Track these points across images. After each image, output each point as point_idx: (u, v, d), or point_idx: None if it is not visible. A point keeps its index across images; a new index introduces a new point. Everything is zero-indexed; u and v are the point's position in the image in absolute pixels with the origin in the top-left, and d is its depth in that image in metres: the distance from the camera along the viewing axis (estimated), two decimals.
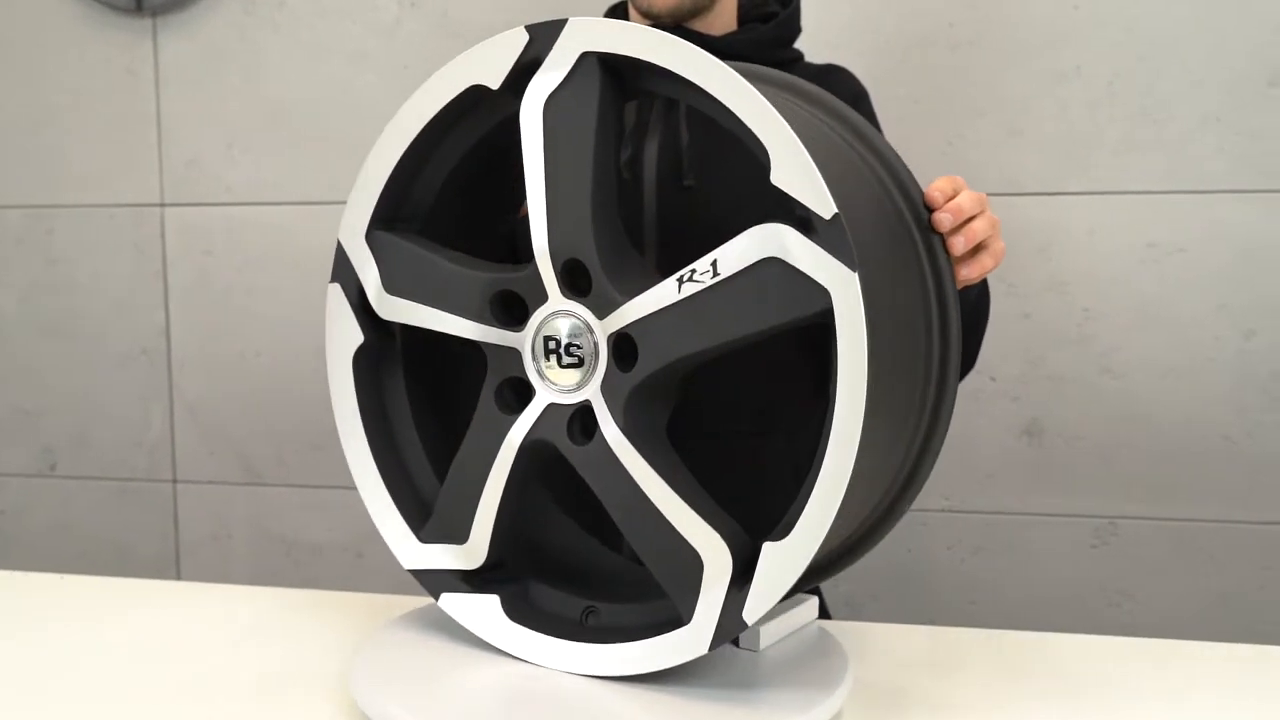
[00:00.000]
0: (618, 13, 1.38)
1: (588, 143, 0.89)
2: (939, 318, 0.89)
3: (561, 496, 1.07)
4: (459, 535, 0.99)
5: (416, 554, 1.01)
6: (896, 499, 0.93)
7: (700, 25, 1.31)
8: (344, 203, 1.02)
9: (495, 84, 0.93)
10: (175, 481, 2.07)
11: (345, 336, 1.02)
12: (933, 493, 1.84)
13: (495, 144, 1.00)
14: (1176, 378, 1.74)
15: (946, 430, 0.92)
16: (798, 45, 1.36)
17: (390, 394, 1.05)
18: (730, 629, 0.86)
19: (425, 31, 1.90)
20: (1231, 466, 1.74)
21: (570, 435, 0.92)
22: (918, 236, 0.90)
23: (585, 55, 0.88)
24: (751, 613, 0.84)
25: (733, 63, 1.06)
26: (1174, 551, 1.77)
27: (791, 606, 0.99)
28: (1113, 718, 0.92)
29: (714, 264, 0.84)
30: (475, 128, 0.99)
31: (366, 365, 1.03)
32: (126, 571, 2.08)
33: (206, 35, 1.96)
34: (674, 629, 0.88)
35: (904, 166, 0.91)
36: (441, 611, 1.03)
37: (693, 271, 0.84)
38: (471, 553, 0.99)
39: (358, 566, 2.03)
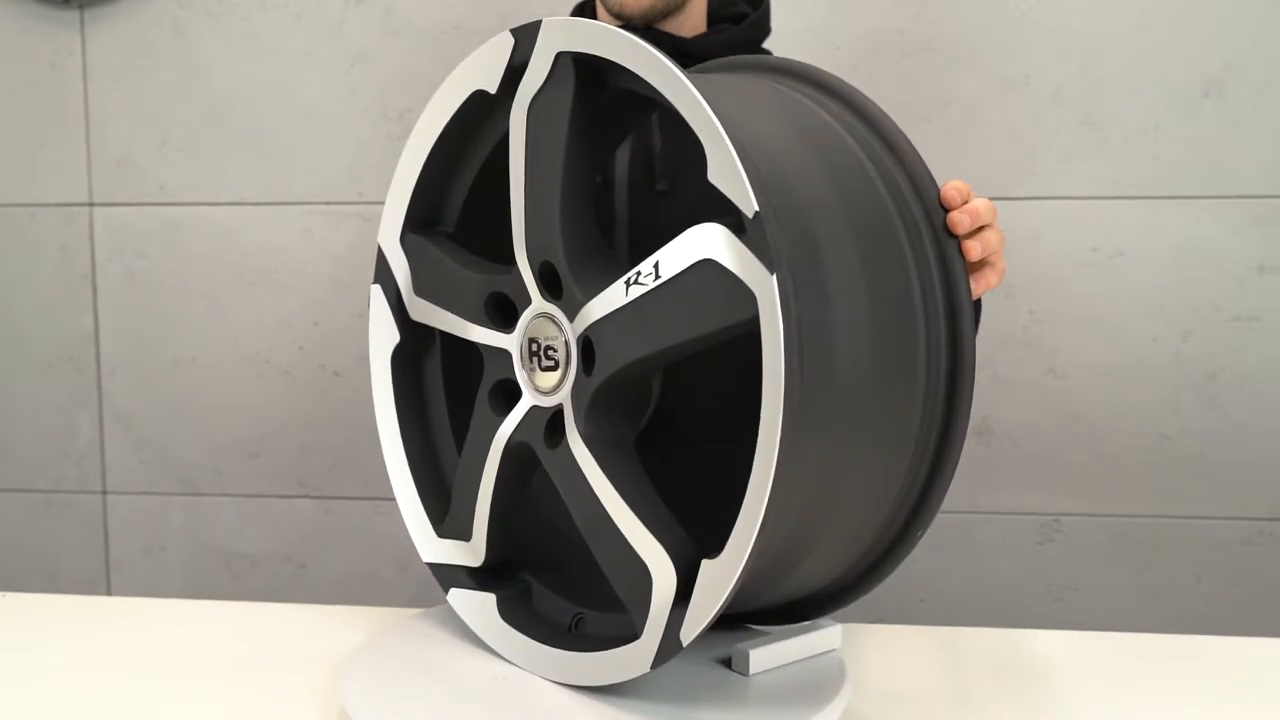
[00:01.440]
0: (584, 12, 1.37)
1: (559, 143, 0.88)
2: (948, 330, 0.86)
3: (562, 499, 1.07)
4: (465, 532, 1.01)
5: (433, 548, 1.04)
6: (906, 524, 0.91)
7: (670, 26, 1.30)
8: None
9: (493, 88, 0.94)
10: (105, 493, 1.99)
11: (384, 336, 1.06)
12: None
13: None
14: (1116, 378, 1.80)
15: (959, 452, 0.87)
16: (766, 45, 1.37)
17: (429, 391, 1.08)
18: (671, 648, 0.82)
19: (370, 29, 1.86)
20: (1168, 464, 1.80)
21: (546, 438, 0.92)
22: (927, 240, 0.87)
23: (560, 55, 0.88)
24: (688, 632, 0.81)
25: (753, 56, 1.06)
26: (1114, 546, 1.83)
27: (802, 632, 0.96)
28: (1091, 712, 0.94)
29: (656, 265, 0.81)
30: (492, 132, 1.00)
31: (404, 364, 1.06)
32: (54, 588, 1.99)
33: (138, 28, 1.89)
34: (626, 642, 0.86)
35: (924, 167, 0.89)
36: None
37: (638, 273, 0.82)
38: (475, 550, 1.01)
39: (300, 578, 1.98)
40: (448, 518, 1.03)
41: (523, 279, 0.91)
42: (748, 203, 0.75)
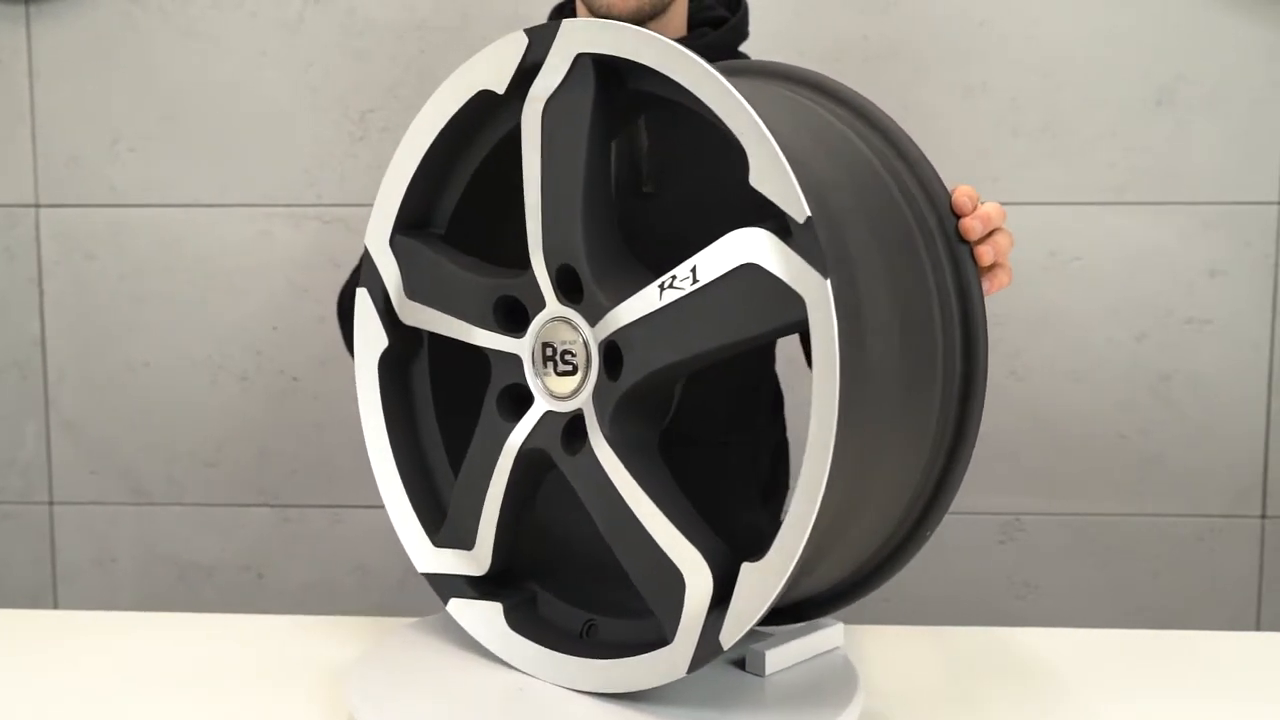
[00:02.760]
0: (563, 13, 1.37)
1: (580, 146, 0.88)
2: (963, 334, 0.87)
3: (571, 506, 1.05)
4: (467, 541, 0.99)
5: (430, 558, 1.01)
6: (916, 524, 0.92)
7: (654, 28, 1.30)
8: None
9: (501, 88, 0.93)
10: (52, 503, 1.93)
11: (371, 340, 1.03)
12: None
13: (514, 148, 0.98)
14: (1076, 379, 1.84)
15: (971, 453, 0.89)
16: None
17: (417, 396, 1.06)
18: (708, 652, 0.82)
19: (330, 28, 1.82)
20: (1125, 462, 1.84)
21: (564, 444, 0.91)
22: (940, 245, 0.88)
23: (580, 57, 0.88)
24: (728, 636, 0.81)
25: (757, 61, 1.06)
26: (1074, 544, 1.87)
27: (806, 632, 0.97)
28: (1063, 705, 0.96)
29: (694, 270, 0.81)
30: (492, 133, 0.98)
31: (391, 369, 1.04)
32: None
33: (87, 23, 1.83)
34: (656, 647, 0.86)
35: (934, 173, 0.90)
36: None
37: (674, 277, 0.82)
38: (478, 559, 0.98)
39: (258, 588, 1.93)
40: (445, 526, 1.01)
41: (537, 282, 0.90)
42: (799, 208, 0.75)
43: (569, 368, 0.89)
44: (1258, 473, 1.83)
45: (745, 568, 0.80)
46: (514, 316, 0.94)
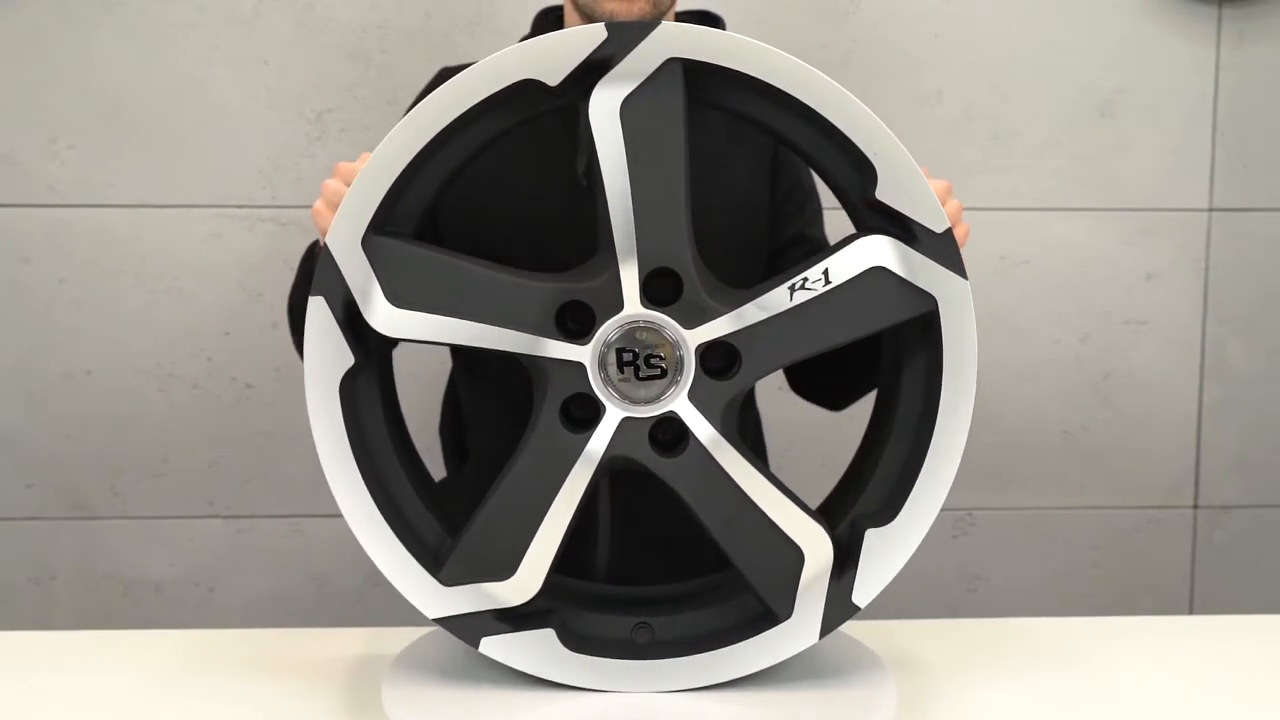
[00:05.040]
0: (549, 17, 1.36)
1: (679, 152, 0.89)
2: None
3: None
4: (502, 569, 0.93)
5: (442, 600, 0.93)
6: None
7: None
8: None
9: (554, 80, 0.89)
10: None
11: (331, 358, 0.91)
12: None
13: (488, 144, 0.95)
14: (1023, 378, 1.91)
15: None
16: None
17: (365, 418, 0.95)
18: (839, 615, 0.93)
19: (287, 25, 1.77)
20: (1070, 458, 1.93)
21: (655, 448, 0.91)
22: None
23: (670, 61, 0.88)
24: (863, 597, 0.93)
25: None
26: (1022, 537, 1.94)
27: None
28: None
29: (825, 272, 0.90)
30: (490, 126, 0.92)
31: (352, 391, 0.93)
32: None
33: (24, 16, 1.73)
34: (765, 627, 0.93)
35: None
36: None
37: (805, 280, 0.90)
38: (520, 586, 0.93)
39: (209, 603, 1.87)
40: (454, 560, 0.93)
41: (620, 285, 0.89)
42: (938, 220, 0.91)
43: (655, 371, 0.89)
44: (1190, 466, 1.94)
45: (869, 533, 0.92)
46: (577, 322, 0.91)
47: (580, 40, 0.88)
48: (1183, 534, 1.95)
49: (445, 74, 1.34)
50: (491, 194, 1.21)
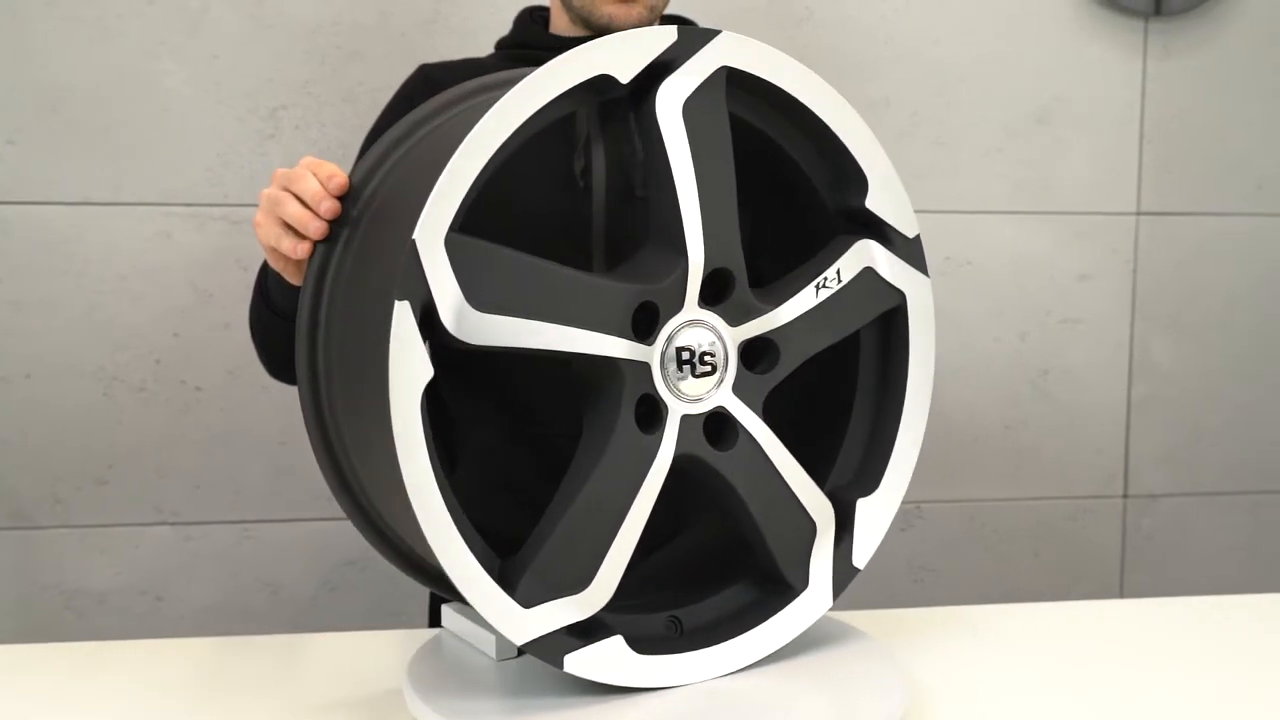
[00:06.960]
0: (532, 17, 1.36)
1: (728, 154, 0.93)
2: None
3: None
4: (577, 583, 0.88)
5: (528, 624, 0.86)
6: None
7: None
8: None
9: (626, 77, 0.88)
10: None
11: (415, 370, 0.81)
12: None
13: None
14: (966, 375, 1.98)
15: None
16: None
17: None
18: (845, 578, 1.01)
19: (239, 20, 1.73)
20: (1010, 452, 2.00)
21: (712, 442, 0.93)
22: None
23: (721, 69, 0.91)
24: (860, 558, 1.01)
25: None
26: (966, 529, 2.01)
27: None
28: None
29: (838, 272, 0.98)
30: (539, 120, 0.88)
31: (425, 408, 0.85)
32: None
33: None
34: (786, 601, 0.98)
35: None
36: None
37: (825, 279, 0.97)
38: (590, 599, 0.89)
39: (157, 612, 1.81)
40: (529, 578, 0.87)
41: (685, 285, 0.90)
42: (911, 226, 1.01)
43: (708, 368, 0.91)
44: (1120, 457, 2.04)
45: (861, 503, 1.00)
46: (643, 322, 0.90)
47: (654, 40, 0.89)
48: (1113, 522, 2.05)
49: (424, 72, 1.34)
50: (488, 195, 1.21)
